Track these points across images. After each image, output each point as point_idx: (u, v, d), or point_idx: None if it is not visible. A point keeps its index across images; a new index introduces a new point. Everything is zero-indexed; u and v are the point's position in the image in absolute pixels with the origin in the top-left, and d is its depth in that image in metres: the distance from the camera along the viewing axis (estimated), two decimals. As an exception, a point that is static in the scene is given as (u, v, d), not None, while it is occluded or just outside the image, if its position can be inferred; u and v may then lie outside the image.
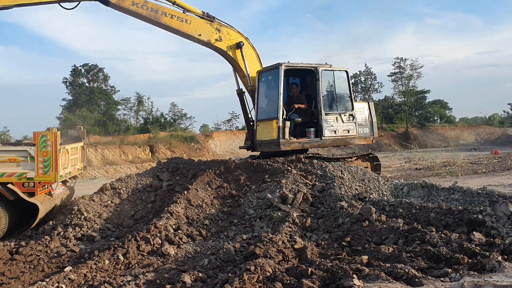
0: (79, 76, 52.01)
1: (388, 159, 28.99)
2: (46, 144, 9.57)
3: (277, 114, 12.71)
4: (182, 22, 12.74)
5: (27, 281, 6.92)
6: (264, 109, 13.57)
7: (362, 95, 56.79)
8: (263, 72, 13.63)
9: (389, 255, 6.49)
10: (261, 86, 13.62)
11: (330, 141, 13.45)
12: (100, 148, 31.62)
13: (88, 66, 52.24)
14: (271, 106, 13.22)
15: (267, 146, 13.18)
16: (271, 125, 12.95)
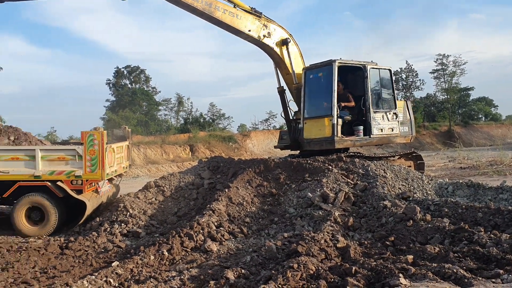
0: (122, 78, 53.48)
1: (431, 158, 28.25)
2: (93, 143, 9.90)
3: (330, 112, 12.54)
4: (233, 17, 12.55)
5: (77, 274, 7.18)
6: (314, 107, 13.40)
7: (403, 92, 55.59)
8: (311, 69, 13.46)
9: (435, 255, 6.34)
10: (309, 83, 13.41)
11: (377, 140, 13.26)
12: (143, 148, 32.38)
13: (130, 68, 53.67)
14: (323, 103, 13.10)
15: (317, 144, 12.97)
16: (322, 122, 12.76)
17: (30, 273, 7.23)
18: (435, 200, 9.40)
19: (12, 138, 10.67)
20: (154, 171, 27.87)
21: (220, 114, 55.84)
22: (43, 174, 9.90)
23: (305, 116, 13.25)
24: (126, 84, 53.47)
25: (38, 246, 8.80)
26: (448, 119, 54.39)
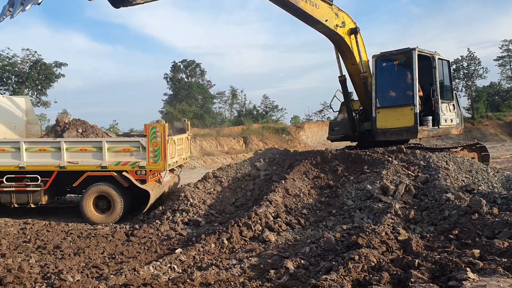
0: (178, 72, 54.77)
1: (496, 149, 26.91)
2: (156, 135, 10.27)
3: (412, 100, 12.27)
4: (313, 6, 12.06)
5: (143, 260, 7.51)
6: (389, 95, 13.15)
7: (464, 81, 53.12)
8: (384, 56, 13.17)
9: (504, 250, 6.08)
10: (382, 72, 13.12)
11: (443, 130, 12.89)
12: (199, 140, 33.09)
13: (187, 62, 54.83)
14: (402, 92, 12.82)
15: (395, 134, 12.74)
16: (402, 112, 12.51)
17: (99, 258, 7.65)
18: (502, 193, 8.98)
19: (80, 130, 11.26)
20: (209, 163, 28.45)
21: (273, 106, 55.95)
22: (109, 164, 10.39)
23: (377, 105, 12.91)
24: (183, 78, 54.70)
25: (105, 233, 9.27)
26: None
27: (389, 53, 13.02)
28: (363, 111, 13.54)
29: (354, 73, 13.28)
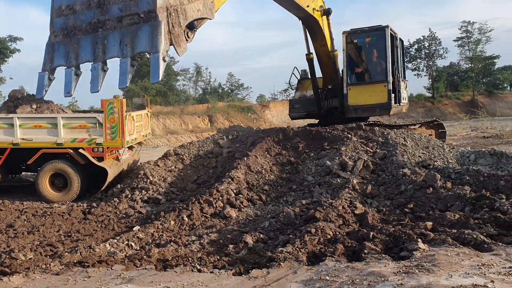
0: (140, 48, 53.35)
1: (453, 127, 27.77)
2: (113, 111, 9.98)
3: (386, 77, 12.35)
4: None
5: (100, 238, 7.37)
6: (360, 72, 13.16)
7: (425, 61, 54.24)
8: (355, 33, 13.11)
9: (455, 221, 6.30)
10: (352, 48, 13.12)
11: (401, 107, 13.18)
12: (162, 118, 32.59)
13: (149, 38, 53.45)
14: (374, 69, 12.86)
15: (368, 110, 12.79)
16: (375, 88, 12.56)
17: (54, 236, 7.45)
18: (456, 168, 9.28)
19: (34, 106, 10.81)
20: (173, 141, 28.12)
21: (239, 84, 55.55)
22: (65, 141, 10.07)
23: (348, 82, 12.89)
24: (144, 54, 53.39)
25: (62, 212, 9.03)
26: (472, 89, 53.08)
27: (360, 30, 13.03)
28: (328, 89, 13.59)
29: (323, 54, 13.25)
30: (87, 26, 6.06)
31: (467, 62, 55.58)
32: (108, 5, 5.72)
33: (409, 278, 3.84)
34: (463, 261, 4.32)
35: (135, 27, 5.71)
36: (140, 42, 5.95)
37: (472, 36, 53.46)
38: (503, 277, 3.85)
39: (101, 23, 5.86)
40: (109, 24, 5.96)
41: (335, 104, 13.24)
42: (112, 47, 6.09)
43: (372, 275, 3.98)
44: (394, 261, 4.56)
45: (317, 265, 4.64)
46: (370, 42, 12.86)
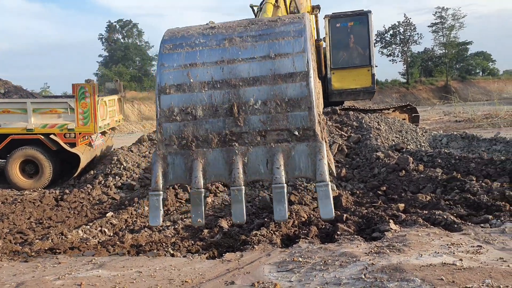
0: (114, 32, 52.33)
1: (427, 112, 28.24)
2: (85, 95, 9.76)
3: (369, 62, 12.41)
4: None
5: (72, 224, 7.25)
6: (344, 56, 13.18)
7: (400, 47, 54.80)
8: (338, 17, 13.08)
9: (426, 203, 6.41)
10: (335, 32, 13.04)
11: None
12: (137, 104, 32.16)
13: (123, 22, 52.40)
14: (357, 53, 12.88)
15: (352, 94, 12.85)
16: (358, 72, 12.59)
17: (25, 223, 7.28)
18: (429, 151, 9.43)
19: (2, 91, 10.50)
20: (149, 127, 27.78)
21: (214, 70, 55.07)
22: (35, 127, 9.81)
23: (332, 66, 12.90)
24: (119, 39, 52.40)
25: (33, 199, 8.83)
26: (445, 74, 53.96)
27: (343, 14, 13.03)
28: None
29: None
30: (216, 137, 4.29)
31: (441, 48, 56.41)
32: (244, 114, 4.22)
33: (380, 258, 3.89)
34: (433, 241, 4.40)
35: (287, 145, 4.30)
36: (297, 166, 4.27)
37: (446, 22, 54.24)
38: (471, 256, 3.94)
39: (235, 136, 4.34)
40: (247, 138, 4.31)
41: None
42: (256, 167, 4.32)
43: (344, 255, 4.01)
44: (366, 242, 4.61)
45: (291, 247, 4.66)
46: (352, 26, 12.90)
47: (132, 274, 3.93)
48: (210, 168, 4.35)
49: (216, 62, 4.13)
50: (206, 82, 4.15)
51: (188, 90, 4.17)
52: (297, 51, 4.06)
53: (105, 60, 50.90)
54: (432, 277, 3.39)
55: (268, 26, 4.17)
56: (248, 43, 4.11)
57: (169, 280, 3.76)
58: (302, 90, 4.06)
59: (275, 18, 4.27)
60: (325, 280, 3.51)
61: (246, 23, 4.32)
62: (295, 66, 4.03)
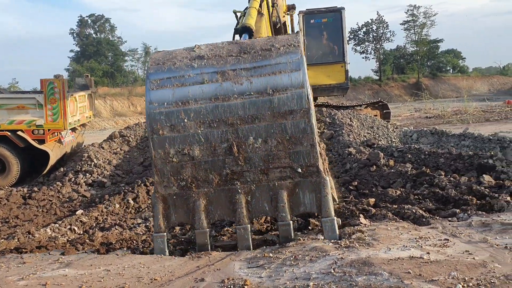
0: (86, 27, 51.32)
1: (398, 109, 28.72)
2: (54, 91, 9.54)
3: (342, 58, 12.50)
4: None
5: (41, 223, 7.09)
6: (318, 52, 13.22)
7: (373, 44, 55.53)
8: (312, 13, 13.12)
9: (396, 197, 6.50)
10: (310, 29, 13.06)
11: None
12: (109, 100, 31.64)
13: (95, 17, 51.45)
14: (331, 50, 12.95)
15: (326, 90, 12.92)
16: (332, 69, 12.68)
17: (-9, 223, 7.09)
18: (399, 146, 9.58)
19: (-34, 86, 10.16)
20: (121, 124, 27.39)
21: (190, 66, 54.71)
22: (1, 123, 9.56)
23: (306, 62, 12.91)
24: (91, 34, 51.41)
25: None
26: (417, 71, 54.97)
27: (317, 11, 13.14)
28: None
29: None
30: (217, 177, 4.18)
31: (412, 46, 57.43)
32: (244, 153, 4.04)
33: (349, 252, 3.92)
34: (402, 235, 4.46)
35: (290, 182, 4.24)
36: (302, 202, 4.30)
37: (417, 20, 55.24)
38: (438, 249, 4.00)
39: (237, 175, 4.20)
40: (249, 177, 4.20)
41: None
42: (260, 205, 4.32)
43: (314, 250, 4.03)
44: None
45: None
46: (326, 23, 13.02)
47: (100, 273, 3.85)
48: (213, 207, 4.31)
49: (210, 99, 3.88)
50: (201, 121, 3.93)
51: (183, 131, 3.97)
52: (296, 86, 3.86)
53: (77, 55, 49.89)
54: (400, 270, 3.43)
55: (262, 57, 3.86)
56: (242, 77, 3.83)
57: (138, 278, 3.70)
58: (304, 127, 3.92)
59: (269, 45, 3.90)
60: (295, 275, 3.51)
61: (236, 50, 3.98)
62: (295, 103, 3.84)
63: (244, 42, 4.03)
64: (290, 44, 3.94)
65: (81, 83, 11.76)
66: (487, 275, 3.34)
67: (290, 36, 4.07)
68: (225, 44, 4.07)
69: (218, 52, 3.97)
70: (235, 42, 4.08)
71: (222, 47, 4.00)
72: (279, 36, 4.03)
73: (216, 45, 4.05)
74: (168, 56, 4.04)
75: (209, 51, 4.00)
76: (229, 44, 4.06)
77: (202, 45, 4.17)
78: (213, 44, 4.12)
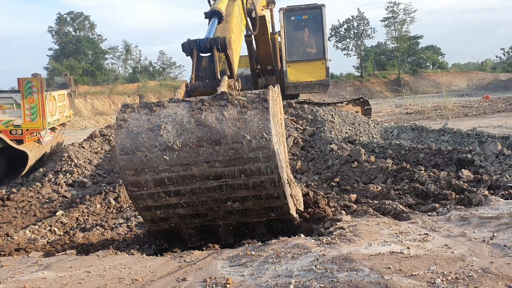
0: (65, 25, 50.50)
1: (379, 105, 28.98)
2: (32, 90, 9.38)
3: (323, 55, 12.52)
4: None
5: (20, 225, 6.96)
6: (299, 50, 13.22)
7: (354, 41, 55.95)
8: (292, 10, 13.09)
9: (377, 193, 6.57)
10: (290, 26, 13.09)
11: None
12: (90, 98, 31.23)
13: (74, 14, 50.63)
14: (312, 47, 12.96)
15: (308, 87, 12.95)
16: (313, 66, 12.71)
17: (-33, 225, 6.93)
18: (380, 142, 9.68)
19: None
20: (102, 123, 27.07)
21: (170, 63, 54.43)
22: (-23, 123, 9.35)
23: (287, 59, 12.98)
24: (70, 32, 50.63)
25: (-24, 199, 8.42)
26: (397, 68, 55.56)
27: (297, 8, 13.15)
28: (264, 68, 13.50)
29: (261, 40, 13.02)
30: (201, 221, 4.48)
31: (393, 42, 58.01)
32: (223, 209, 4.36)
33: (331, 248, 3.95)
34: (383, 230, 4.50)
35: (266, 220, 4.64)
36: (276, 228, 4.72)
37: (397, 16, 55.75)
38: (418, 244, 4.06)
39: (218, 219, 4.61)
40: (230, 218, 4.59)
41: (272, 82, 13.31)
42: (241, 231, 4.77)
43: (296, 247, 4.04)
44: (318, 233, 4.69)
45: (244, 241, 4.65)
46: (307, 19, 13.06)
47: (80, 274, 3.80)
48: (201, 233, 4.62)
49: (187, 183, 3.99)
50: (181, 197, 4.10)
51: (166, 202, 4.15)
52: (269, 173, 3.94)
53: (56, 53, 49.09)
54: (380, 266, 3.47)
55: (235, 151, 3.83)
56: (217, 168, 3.90)
57: (119, 279, 3.66)
58: (280, 203, 4.19)
59: (239, 137, 3.82)
60: (277, 272, 3.52)
61: (207, 139, 3.86)
62: (270, 185, 4.00)
63: (212, 126, 3.88)
64: (263, 138, 3.85)
65: (60, 82, 11.58)
66: (465, 268, 3.39)
67: (259, 117, 3.90)
68: (192, 125, 3.92)
69: (187, 140, 3.90)
70: (201, 123, 3.90)
71: (191, 131, 3.90)
72: (248, 115, 3.87)
73: (183, 125, 3.93)
74: (135, 140, 3.94)
75: (177, 136, 3.91)
76: (197, 127, 3.92)
77: (167, 119, 3.99)
78: (179, 123, 3.95)
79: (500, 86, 50.36)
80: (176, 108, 3.96)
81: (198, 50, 4.79)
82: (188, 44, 4.75)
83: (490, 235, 4.17)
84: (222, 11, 5.73)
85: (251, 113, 3.84)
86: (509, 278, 3.20)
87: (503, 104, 23.65)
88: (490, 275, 3.26)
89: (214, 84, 4.50)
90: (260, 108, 3.87)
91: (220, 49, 4.75)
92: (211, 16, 5.65)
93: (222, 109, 3.86)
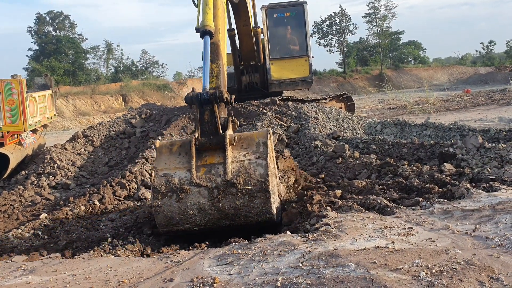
0: (44, 25, 49.68)
1: (363, 100, 29.20)
2: (12, 92, 9.23)
3: (306, 52, 12.56)
4: None
5: (2, 229, 6.85)
6: (282, 47, 13.24)
7: (337, 37, 56.24)
8: (275, 8, 13.11)
9: (362, 188, 6.62)
10: (273, 23, 13.11)
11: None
12: (72, 99, 30.83)
13: (53, 14, 49.81)
14: (295, 44, 12.99)
15: (291, 84, 12.99)
16: (297, 63, 12.75)
17: None
18: (364, 138, 9.75)
19: None
20: (85, 123, 26.77)
21: (153, 62, 53.98)
22: (-44, 127, 9.17)
23: (271, 56, 13.01)
24: (50, 32, 49.82)
25: (-43, 203, 8.26)
26: (380, 63, 56.01)
27: (279, 5, 13.17)
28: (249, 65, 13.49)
29: (245, 32, 12.97)
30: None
31: (375, 38, 58.46)
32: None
33: (317, 245, 3.97)
34: (368, 225, 4.55)
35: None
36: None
37: (379, 12, 56.18)
38: (402, 238, 4.11)
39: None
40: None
41: (255, 79, 13.32)
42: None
43: (283, 244, 4.06)
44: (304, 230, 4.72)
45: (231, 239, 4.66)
46: (289, 17, 13.09)
47: (65, 278, 3.76)
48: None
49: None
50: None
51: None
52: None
53: (36, 54, 48.26)
54: (366, 261, 3.50)
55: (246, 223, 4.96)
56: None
57: (105, 281, 3.64)
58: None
59: (249, 218, 4.90)
60: (264, 270, 3.53)
61: (225, 220, 4.96)
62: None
63: (229, 212, 4.94)
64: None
65: (41, 82, 11.41)
66: (449, 261, 3.45)
67: (262, 205, 4.92)
68: (213, 211, 4.96)
69: (210, 221, 5.06)
70: (220, 210, 4.94)
71: (212, 215, 5.00)
72: (255, 202, 4.89)
73: (206, 211, 4.97)
74: (170, 221, 5.02)
75: (202, 219, 5.01)
76: (217, 212, 4.96)
77: (193, 207, 5.02)
78: (203, 210, 4.97)
79: (480, 80, 51.15)
80: (199, 196, 4.87)
81: (200, 104, 5.24)
82: (191, 99, 5.29)
83: (472, 228, 4.24)
84: (211, 28, 5.99)
85: (257, 201, 4.87)
86: (491, 269, 3.27)
87: (483, 98, 24.03)
88: (473, 267, 3.32)
89: (218, 141, 5.08)
90: (263, 198, 4.86)
91: (218, 102, 5.28)
92: (202, 36, 5.96)
93: (234, 198, 4.84)
